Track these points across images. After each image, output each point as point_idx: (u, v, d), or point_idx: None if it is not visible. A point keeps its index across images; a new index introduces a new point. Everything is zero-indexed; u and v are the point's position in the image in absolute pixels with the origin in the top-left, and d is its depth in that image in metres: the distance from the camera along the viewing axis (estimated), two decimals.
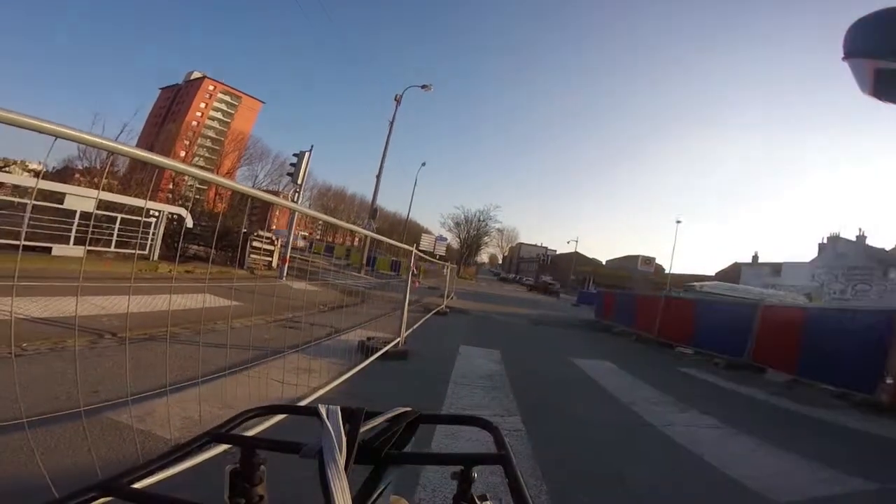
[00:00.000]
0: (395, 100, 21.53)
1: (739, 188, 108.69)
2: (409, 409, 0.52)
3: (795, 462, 2.97)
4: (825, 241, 38.79)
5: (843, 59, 0.89)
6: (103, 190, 11.11)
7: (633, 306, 11.41)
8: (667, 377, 5.80)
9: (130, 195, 11.24)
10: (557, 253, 78.48)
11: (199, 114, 66.15)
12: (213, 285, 6.58)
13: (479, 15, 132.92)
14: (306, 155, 13.50)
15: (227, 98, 69.78)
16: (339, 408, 0.47)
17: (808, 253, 39.56)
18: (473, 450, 0.46)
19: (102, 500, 0.35)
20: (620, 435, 3.27)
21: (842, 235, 37.82)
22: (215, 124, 66.93)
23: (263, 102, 73.78)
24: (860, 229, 36.47)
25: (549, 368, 5.57)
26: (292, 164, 14.35)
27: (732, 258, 50.23)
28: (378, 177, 21.36)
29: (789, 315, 6.99)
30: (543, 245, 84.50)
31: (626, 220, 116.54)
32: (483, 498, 0.48)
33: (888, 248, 34.15)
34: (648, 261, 57.45)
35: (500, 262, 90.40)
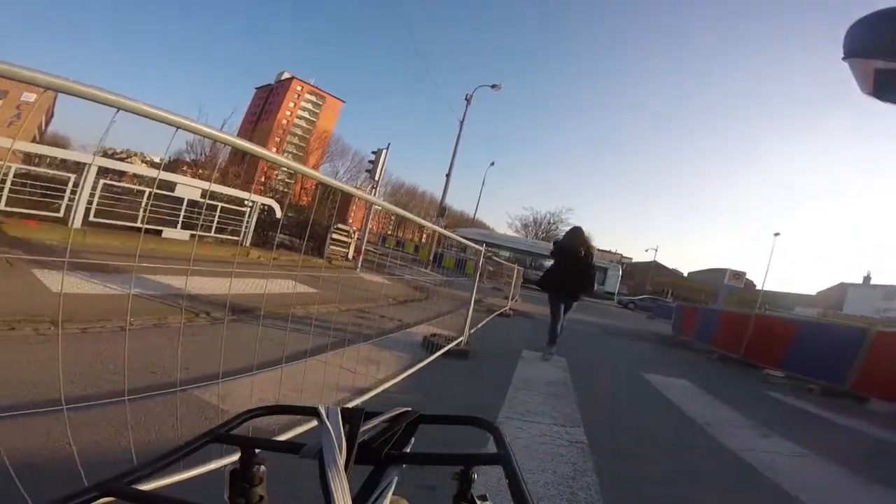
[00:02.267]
0: (466, 99, 21.69)
1: (853, 199, 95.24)
2: (408, 409, 0.53)
3: (887, 496, 2.61)
4: None
5: (843, 59, 0.87)
6: (206, 180, 12.45)
7: (717, 322, 10.51)
8: (750, 400, 5.30)
9: (228, 186, 12.49)
10: (633, 261, 74.37)
11: (288, 112, 71.55)
12: (295, 273, 7.12)
13: (556, 10, 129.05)
14: (383, 152, 14.08)
15: (313, 98, 74.69)
16: (338, 408, 0.47)
17: None
18: (473, 450, 0.46)
19: (102, 500, 0.35)
20: (692, 456, 3.06)
21: None
22: (302, 123, 71.92)
23: (344, 102, 77.93)
24: None
25: (618, 381, 5.34)
26: (370, 161, 15.03)
27: (838, 278, 44.38)
28: (448, 175, 21.70)
29: None
30: (618, 252, 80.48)
31: (715, 231, 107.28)
32: (483, 498, 0.48)
33: None
34: (738, 275, 52.43)
35: None
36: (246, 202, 10.96)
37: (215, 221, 9.97)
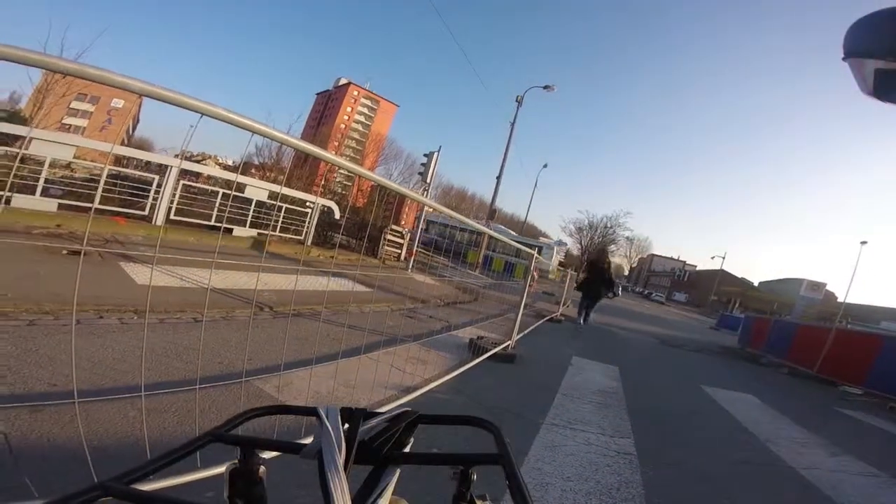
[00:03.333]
0: (517, 101, 21.37)
1: None
2: (408, 409, 0.53)
3: None
4: None
5: (843, 59, 0.87)
6: (273, 182, 13.24)
7: (791, 336, 9.73)
8: (821, 417, 4.90)
9: (291, 188, 13.21)
10: (697, 269, 70.12)
11: (346, 117, 74.55)
12: (350, 272, 7.40)
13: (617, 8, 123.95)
14: (435, 155, 14.28)
15: (368, 102, 77.29)
16: (338, 408, 0.48)
17: None
18: (473, 450, 0.46)
19: (102, 500, 0.35)
20: (749, 473, 2.86)
21: None
22: (359, 127, 74.60)
23: (398, 106, 79.86)
24: None
25: (675, 394, 5.06)
26: (422, 164, 15.30)
27: None
28: (498, 178, 21.51)
29: None
30: (680, 258, 76.12)
31: (791, 238, 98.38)
32: (482, 498, 0.48)
33: None
34: (816, 286, 47.89)
35: (627, 273, 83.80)
36: (308, 203, 11.55)
37: (280, 221, 10.59)
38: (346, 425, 0.46)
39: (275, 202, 10.10)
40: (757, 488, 2.66)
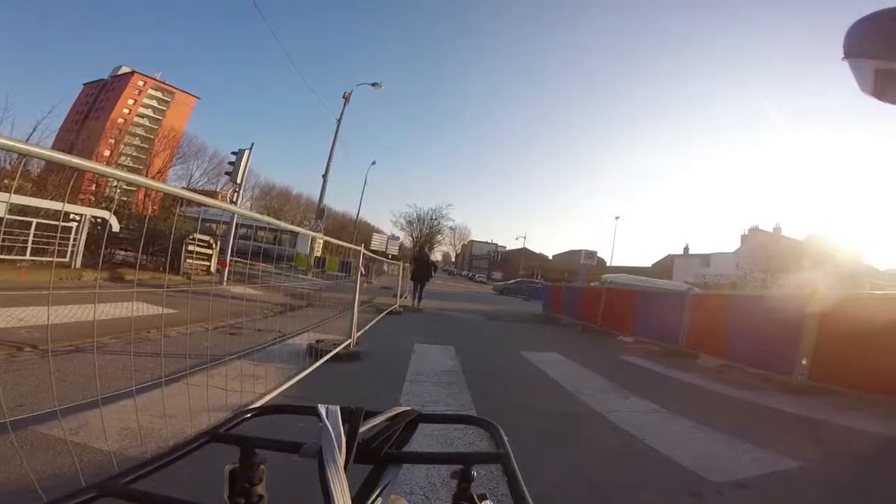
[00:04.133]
0: (344, 97, 21.09)
1: (674, 183, 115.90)
2: (408, 408, 0.53)
3: (728, 443, 3.17)
4: (747, 232, 42.67)
5: (843, 59, 0.90)
6: (15, 193, 10.01)
7: (577, 298, 11.91)
8: (610, 365, 6.08)
9: (47, 198, 10.21)
10: (507, 249, 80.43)
11: (126, 110, 61.36)
12: (145, 292, 6.14)
13: (431, 10, 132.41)
14: (246, 153, 12.89)
15: (159, 94, 65.27)
16: (338, 407, 0.47)
17: (733, 244, 43.29)
18: (472, 449, 0.46)
19: (101, 500, 0.35)
20: (570, 423, 3.42)
21: (760, 227, 41.99)
22: (145, 121, 62.23)
23: (198, 98, 69.50)
24: (776, 222, 40.65)
25: (502, 362, 5.70)
26: (231, 163, 13.67)
27: (667, 250, 53.52)
28: (325, 176, 20.83)
29: (716, 303, 7.51)
30: (494, 242, 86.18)
31: (572, 216, 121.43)
32: (483, 497, 0.48)
33: (800, 238, 38.01)
34: (591, 255, 60.35)
35: (454, 259, 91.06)
36: (73, 216, 9.11)
37: (30, 241, 8.09)
38: (346, 424, 0.45)
39: (18, 218, 7.66)
40: (581, 435, 3.16)
